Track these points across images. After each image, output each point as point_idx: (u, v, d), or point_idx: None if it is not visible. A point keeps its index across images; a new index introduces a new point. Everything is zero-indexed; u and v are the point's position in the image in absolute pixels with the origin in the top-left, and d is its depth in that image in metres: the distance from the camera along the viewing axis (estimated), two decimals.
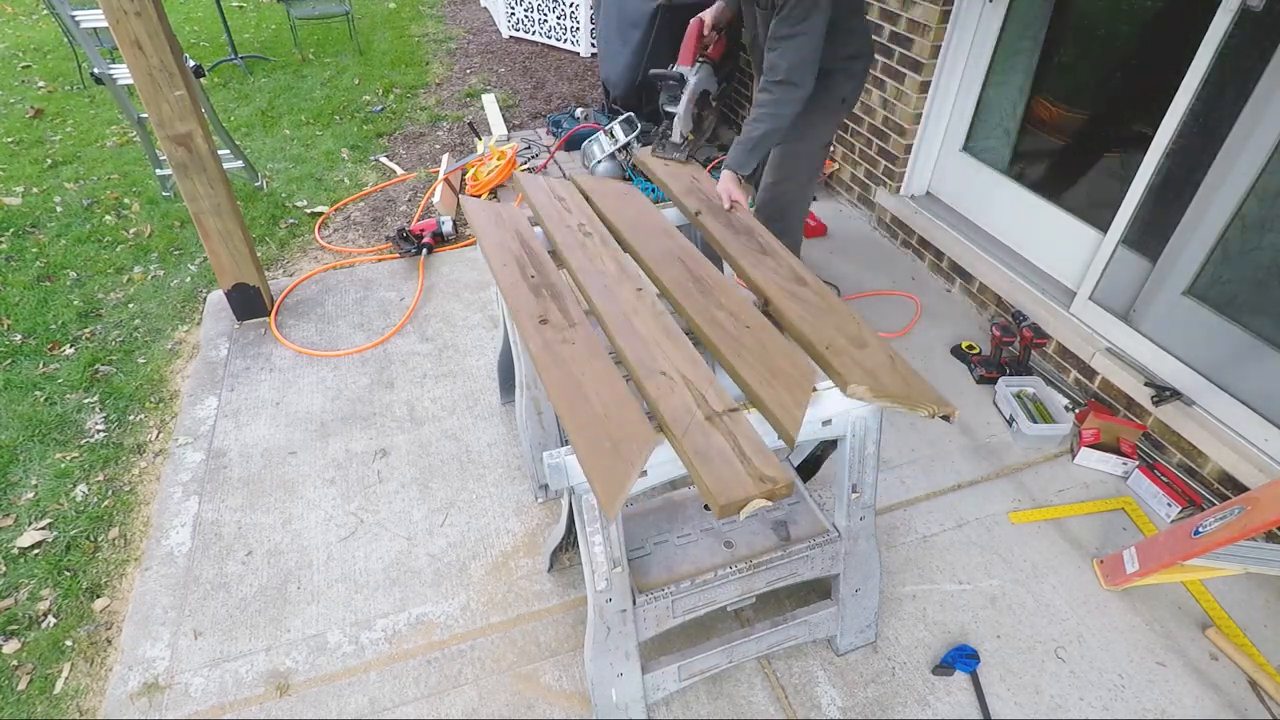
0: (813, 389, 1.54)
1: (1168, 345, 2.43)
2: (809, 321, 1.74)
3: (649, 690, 1.68)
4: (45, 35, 6.47)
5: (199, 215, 2.65)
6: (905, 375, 1.58)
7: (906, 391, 1.53)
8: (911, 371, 1.60)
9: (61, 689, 1.83)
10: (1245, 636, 1.94)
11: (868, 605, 1.85)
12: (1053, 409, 2.56)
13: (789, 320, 1.76)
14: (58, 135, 4.67)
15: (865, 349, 1.64)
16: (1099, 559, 2.11)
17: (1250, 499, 1.80)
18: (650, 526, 1.79)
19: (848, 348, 1.64)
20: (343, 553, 2.13)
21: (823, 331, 1.70)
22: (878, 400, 1.52)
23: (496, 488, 2.32)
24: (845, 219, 3.78)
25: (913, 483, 2.36)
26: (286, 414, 2.58)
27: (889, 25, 3.22)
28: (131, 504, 2.29)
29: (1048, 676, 1.85)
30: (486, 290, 3.20)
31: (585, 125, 4.37)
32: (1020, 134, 3.02)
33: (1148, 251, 2.47)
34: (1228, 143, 2.15)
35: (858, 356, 1.61)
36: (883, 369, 1.58)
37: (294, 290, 3.19)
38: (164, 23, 2.29)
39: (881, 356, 1.62)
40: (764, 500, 1.26)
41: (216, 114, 3.77)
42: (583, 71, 5.69)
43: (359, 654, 1.88)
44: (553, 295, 1.81)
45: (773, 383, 1.53)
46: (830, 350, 1.63)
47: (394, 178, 4.17)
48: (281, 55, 5.99)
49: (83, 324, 3.04)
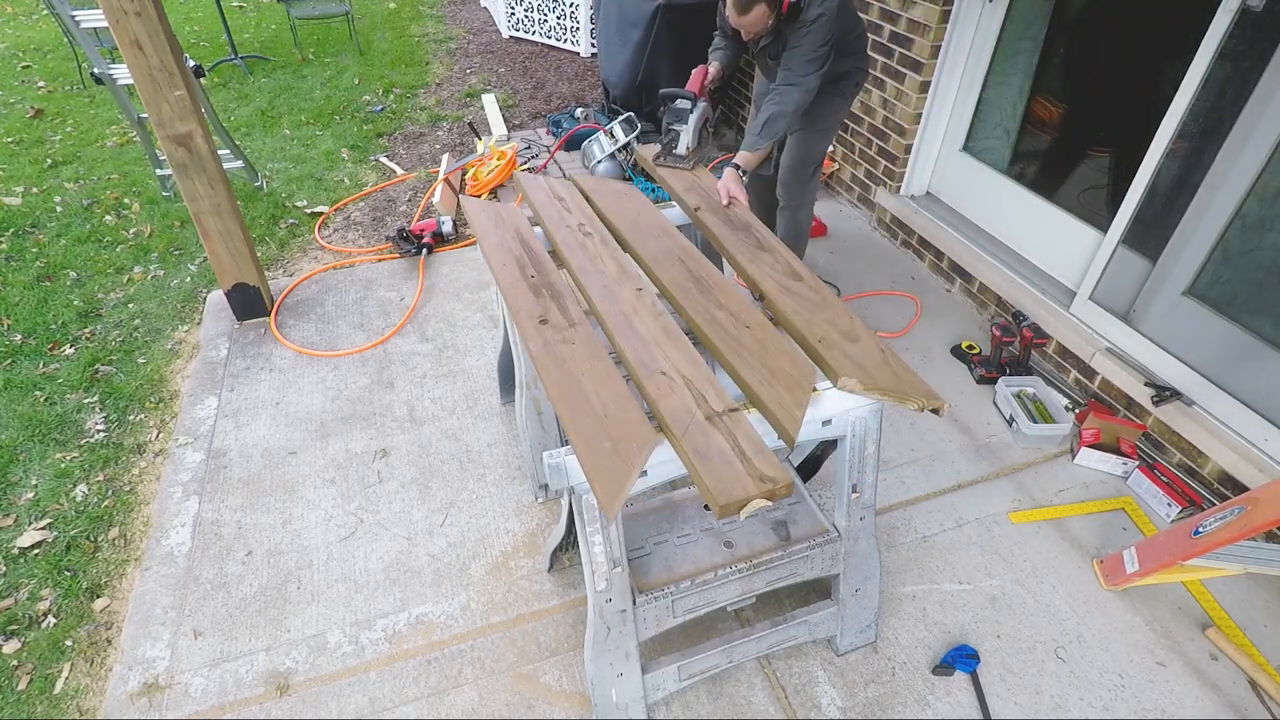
0: (813, 389, 1.54)
1: (1168, 345, 2.43)
2: (803, 316, 1.75)
3: (649, 690, 1.68)
4: (45, 35, 6.47)
5: (199, 215, 2.65)
6: (896, 369, 1.59)
7: (897, 385, 1.54)
8: (903, 365, 1.61)
9: (61, 689, 1.83)
10: (1245, 636, 1.94)
11: (868, 605, 1.85)
12: (1053, 409, 2.56)
13: (783, 314, 1.77)
14: (58, 135, 4.67)
15: (857, 343, 1.65)
16: (1099, 559, 2.11)
17: (1250, 499, 1.80)
18: (650, 526, 1.79)
19: (840, 341, 1.65)
20: (343, 553, 2.13)
21: (816, 326, 1.71)
22: (868, 393, 1.52)
23: (496, 488, 2.32)
24: (845, 219, 3.78)
25: (913, 483, 2.36)
26: (286, 414, 2.58)
27: (889, 25, 3.23)
28: (131, 504, 2.29)
29: (1048, 676, 1.85)
30: (486, 290, 3.20)
31: (585, 125, 4.37)
32: (1020, 134, 3.02)
33: (1148, 251, 2.47)
34: (1228, 143, 2.15)
35: (850, 350, 1.62)
36: (874, 363, 1.59)
37: (294, 290, 3.19)
38: (164, 23, 2.29)
39: (873, 351, 1.63)
40: (764, 500, 1.26)
41: (216, 114, 3.77)
42: (583, 71, 5.69)
43: (359, 654, 1.88)
44: (553, 295, 1.81)
45: (773, 383, 1.53)
46: (823, 344, 1.64)
47: (394, 178, 4.17)
48: (281, 55, 5.99)
49: (83, 324, 3.04)
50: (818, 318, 1.74)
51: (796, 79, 2.34)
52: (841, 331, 1.68)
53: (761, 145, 2.42)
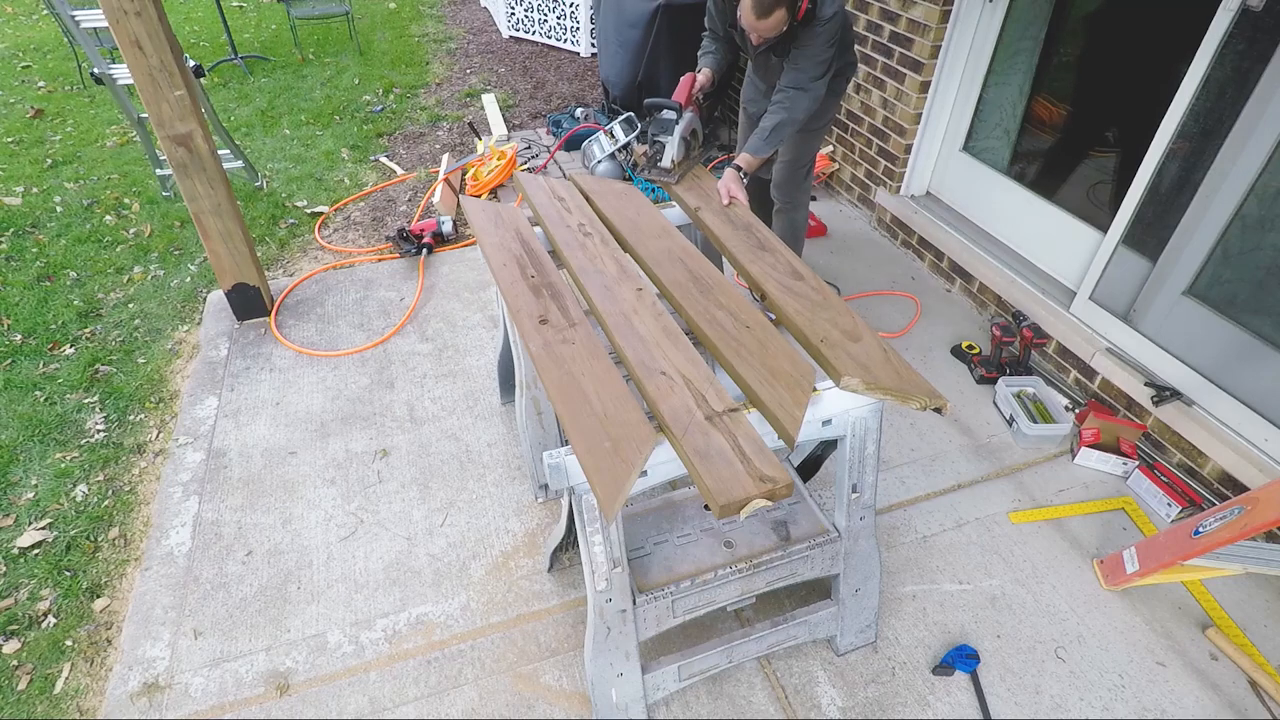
0: (813, 389, 1.54)
1: (1168, 345, 2.43)
2: (805, 315, 1.75)
3: (649, 690, 1.68)
4: (45, 35, 6.48)
5: (199, 215, 2.65)
6: (899, 368, 1.59)
7: (900, 384, 1.54)
8: (905, 364, 1.61)
9: (61, 689, 1.83)
10: (1245, 636, 1.94)
11: (868, 605, 1.85)
12: (1053, 409, 2.56)
13: (785, 314, 1.77)
14: (58, 135, 4.67)
15: (859, 342, 1.65)
16: (1099, 559, 2.11)
17: (1250, 499, 1.80)
18: (650, 526, 1.79)
19: (842, 341, 1.65)
20: (343, 553, 2.13)
21: (818, 326, 1.71)
22: (871, 393, 1.52)
23: (496, 488, 2.32)
24: (845, 219, 3.78)
25: (913, 483, 2.36)
26: (286, 414, 2.58)
27: (889, 25, 3.23)
28: (131, 504, 2.29)
29: (1048, 676, 1.85)
30: (486, 290, 3.20)
31: (585, 125, 4.37)
32: (1020, 134, 3.02)
33: (1148, 251, 2.47)
34: (1228, 143, 2.15)
35: (852, 350, 1.62)
36: (876, 362, 1.59)
37: (294, 290, 3.19)
38: (164, 23, 2.29)
39: (875, 350, 1.63)
40: (764, 500, 1.26)
41: (216, 114, 3.77)
42: (583, 71, 5.69)
43: (359, 654, 1.88)
44: (553, 295, 1.81)
45: (773, 383, 1.53)
46: (825, 344, 1.64)
47: (394, 178, 4.17)
48: (281, 55, 5.99)
49: (83, 324, 3.04)
50: (819, 317, 1.74)
51: (806, 83, 2.30)
52: (844, 331, 1.69)
53: (766, 151, 2.39)
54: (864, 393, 1.53)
